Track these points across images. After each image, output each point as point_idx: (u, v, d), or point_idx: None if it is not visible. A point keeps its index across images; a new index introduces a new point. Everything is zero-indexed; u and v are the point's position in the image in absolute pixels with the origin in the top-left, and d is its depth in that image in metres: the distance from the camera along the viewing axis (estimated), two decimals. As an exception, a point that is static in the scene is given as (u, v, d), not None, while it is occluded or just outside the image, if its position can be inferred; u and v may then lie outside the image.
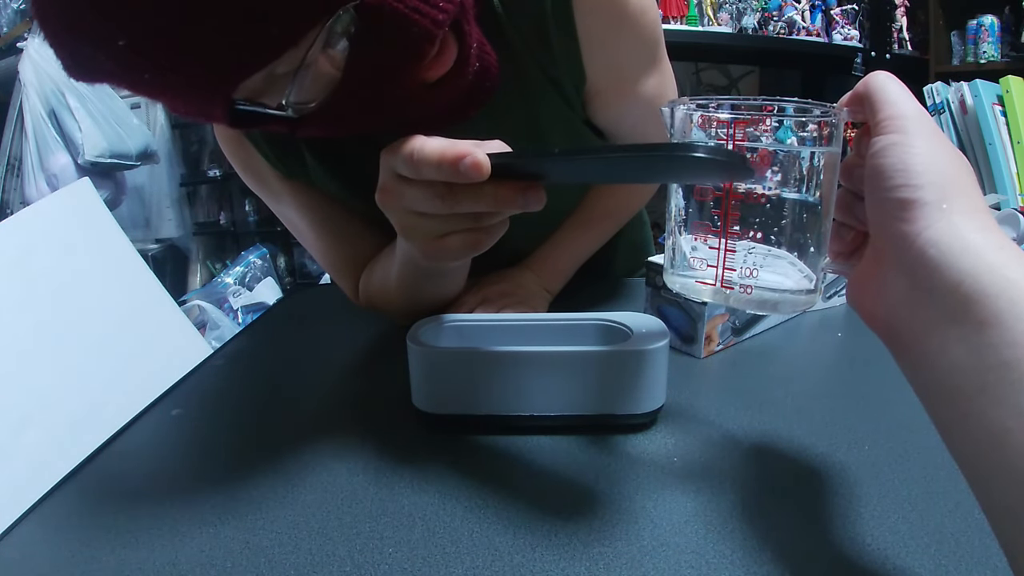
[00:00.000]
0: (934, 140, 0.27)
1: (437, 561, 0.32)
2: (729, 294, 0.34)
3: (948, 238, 0.25)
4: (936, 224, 0.25)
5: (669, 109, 0.35)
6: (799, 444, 0.42)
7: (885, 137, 0.28)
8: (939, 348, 0.25)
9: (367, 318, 0.80)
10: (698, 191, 0.34)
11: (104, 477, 0.43)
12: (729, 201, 0.33)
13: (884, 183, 0.27)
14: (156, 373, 0.60)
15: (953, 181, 0.26)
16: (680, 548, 0.32)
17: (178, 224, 1.75)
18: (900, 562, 0.30)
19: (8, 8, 1.69)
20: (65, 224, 0.77)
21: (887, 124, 0.28)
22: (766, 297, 0.34)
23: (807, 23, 1.94)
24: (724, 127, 0.32)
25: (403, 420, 0.47)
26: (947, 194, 0.26)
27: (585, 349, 0.43)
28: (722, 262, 0.34)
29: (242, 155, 0.64)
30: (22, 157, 1.38)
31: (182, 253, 1.80)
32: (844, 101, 0.32)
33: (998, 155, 1.59)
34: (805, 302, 0.34)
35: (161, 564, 0.33)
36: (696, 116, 0.34)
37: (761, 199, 0.32)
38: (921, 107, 0.29)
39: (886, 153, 0.28)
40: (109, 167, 1.42)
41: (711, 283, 0.34)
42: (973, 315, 0.23)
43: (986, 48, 1.90)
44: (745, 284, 0.33)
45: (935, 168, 0.26)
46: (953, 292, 0.24)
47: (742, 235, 0.33)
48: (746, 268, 0.33)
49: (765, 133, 0.32)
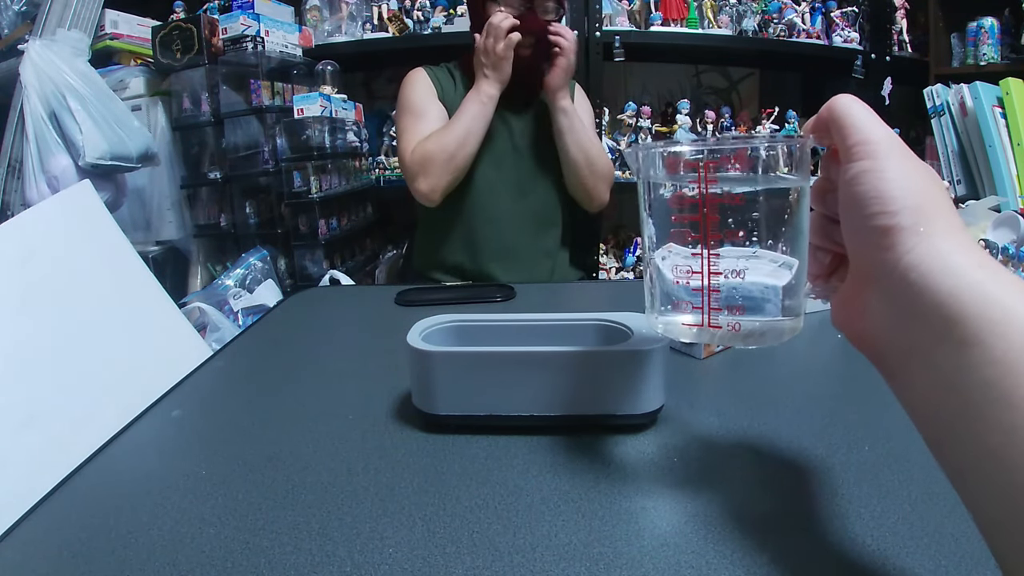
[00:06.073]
0: (905, 163, 0.27)
1: (437, 561, 0.32)
2: (716, 333, 0.34)
3: (928, 261, 0.25)
4: (915, 248, 0.25)
5: (634, 152, 0.35)
6: (799, 445, 0.42)
7: (856, 164, 0.28)
8: (923, 368, 0.25)
9: (367, 319, 0.80)
10: (676, 235, 0.34)
11: (104, 477, 0.43)
12: (708, 241, 0.33)
13: (860, 211, 0.27)
14: (156, 374, 0.60)
15: (928, 202, 0.26)
16: (680, 548, 0.32)
17: (178, 226, 1.75)
18: (900, 562, 0.30)
19: (9, 10, 1.70)
20: (66, 226, 0.77)
21: (857, 150, 0.28)
22: (753, 329, 0.34)
23: (807, 25, 1.95)
24: (691, 169, 0.32)
25: (403, 420, 0.47)
26: (924, 216, 0.26)
27: (585, 349, 0.43)
28: (707, 302, 0.34)
29: (423, 87, 1.30)
30: (23, 159, 1.38)
31: (182, 255, 1.79)
32: (809, 127, 0.32)
33: (998, 157, 1.59)
34: (791, 329, 0.34)
35: (161, 564, 0.33)
36: (660, 156, 0.34)
37: (740, 235, 0.32)
38: (888, 129, 0.29)
39: (859, 180, 0.27)
40: (110, 169, 1.42)
41: (697, 324, 0.34)
42: (955, 335, 0.23)
43: (986, 50, 1.90)
44: (732, 322, 0.33)
45: (909, 192, 0.26)
46: (935, 313, 0.24)
47: (724, 273, 0.33)
48: (733, 306, 0.33)
49: (736, 169, 0.32)
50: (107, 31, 1.67)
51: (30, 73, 1.34)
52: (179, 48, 1.65)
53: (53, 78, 1.35)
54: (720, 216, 0.32)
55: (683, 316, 0.35)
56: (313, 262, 1.70)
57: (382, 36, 1.87)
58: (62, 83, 1.35)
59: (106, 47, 1.68)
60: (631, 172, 0.43)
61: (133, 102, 1.67)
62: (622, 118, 1.95)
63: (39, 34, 1.50)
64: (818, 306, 0.68)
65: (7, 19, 1.69)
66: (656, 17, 1.84)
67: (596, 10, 1.77)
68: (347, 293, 1.05)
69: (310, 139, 1.65)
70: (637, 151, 0.35)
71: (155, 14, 1.79)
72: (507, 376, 0.43)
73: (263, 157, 1.69)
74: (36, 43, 1.37)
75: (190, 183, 1.75)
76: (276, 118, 1.68)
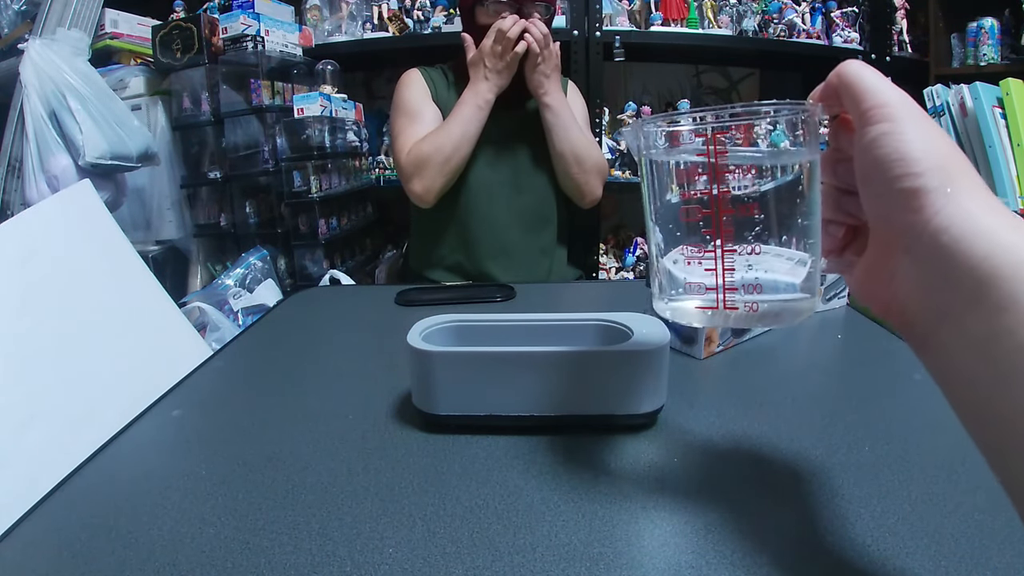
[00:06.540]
0: (924, 123, 0.26)
1: (437, 561, 0.32)
2: (731, 315, 0.32)
3: (959, 223, 0.24)
4: (944, 209, 0.24)
5: (634, 130, 0.33)
6: (799, 445, 0.42)
7: (874, 127, 0.27)
8: (956, 334, 0.24)
9: (367, 319, 0.80)
10: (684, 212, 0.32)
11: (104, 477, 0.43)
12: (720, 218, 0.31)
13: (882, 175, 0.26)
14: (156, 374, 0.60)
15: (952, 163, 0.25)
16: (680, 548, 0.32)
17: (178, 226, 1.75)
18: (900, 562, 0.30)
19: (9, 9, 1.70)
20: (66, 226, 0.77)
21: (873, 113, 0.27)
22: (771, 309, 0.32)
23: (807, 25, 1.95)
24: (701, 139, 0.31)
25: (403, 420, 0.47)
26: (949, 177, 0.25)
27: (585, 349, 0.43)
28: (722, 284, 0.32)
29: (417, 88, 1.31)
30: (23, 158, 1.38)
31: (182, 255, 1.79)
32: (816, 95, 0.31)
33: (998, 157, 1.59)
34: (807, 308, 0.33)
35: (161, 564, 0.33)
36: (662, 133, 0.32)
37: (752, 211, 0.31)
38: (902, 91, 0.27)
39: (879, 144, 0.26)
40: (110, 169, 1.42)
41: (712, 306, 0.33)
42: (990, 299, 0.22)
43: (986, 50, 1.90)
44: (750, 301, 0.32)
45: (933, 152, 0.25)
46: (968, 277, 0.23)
47: (738, 251, 0.31)
48: (748, 284, 0.32)
49: (739, 141, 0.31)
50: (107, 30, 1.67)
51: (30, 72, 1.34)
52: (179, 47, 1.65)
53: (53, 77, 1.34)
54: (731, 191, 0.31)
55: (695, 300, 0.33)
56: (313, 262, 1.70)
57: (382, 36, 1.87)
58: (62, 82, 1.35)
59: (106, 46, 1.68)
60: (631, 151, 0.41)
61: (133, 101, 1.67)
62: (622, 118, 1.95)
63: (39, 33, 1.50)
64: (818, 307, 0.68)
65: (7, 18, 1.69)
66: (656, 17, 1.84)
67: (596, 10, 1.77)
68: (347, 293, 1.05)
69: (310, 139, 1.65)
70: (637, 128, 0.33)
71: (155, 13, 1.79)
72: (507, 376, 0.43)
73: (263, 157, 1.69)
74: (36, 42, 1.36)
75: (190, 183, 1.75)
76: (276, 118, 1.68)
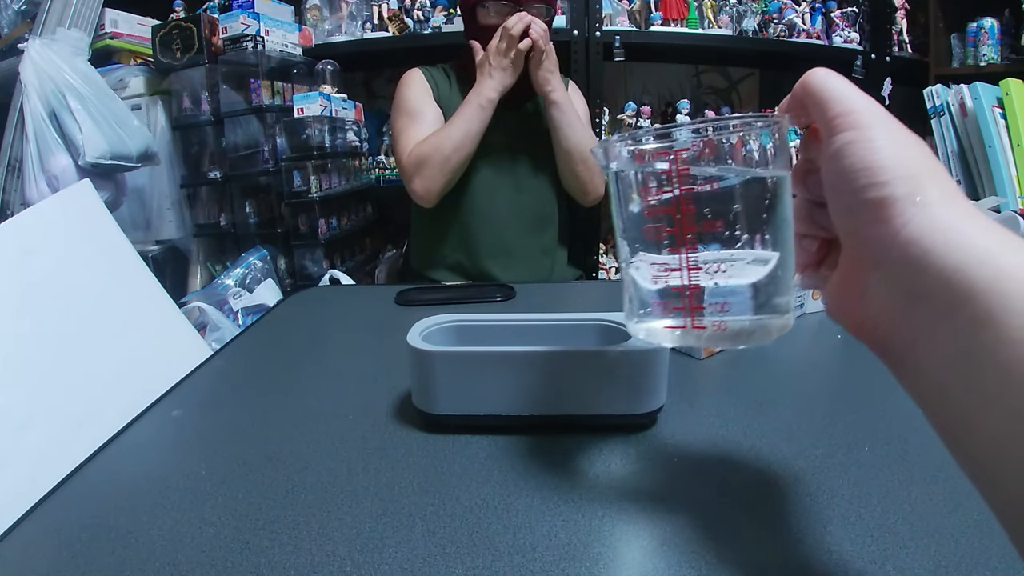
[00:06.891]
0: (892, 130, 0.25)
1: (437, 561, 0.32)
2: (702, 335, 0.31)
3: (929, 233, 0.23)
4: (913, 220, 0.23)
5: (602, 149, 0.32)
6: (799, 445, 0.42)
7: (840, 136, 0.26)
8: (932, 352, 0.23)
9: (367, 319, 0.80)
10: (651, 230, 0.31)
11: (104, 477, 0.43)
12: (685, 235, 0.30)
13: (848, 185, 0.25)
14: (156, 374, 0.60)
15: (922, 170, 0.24)
16: (680, 548, 0.32)
17: (178, 226, 1.75)
18: (900, 562, 0.30)
19: (9, 9, 1.69)
20: (66, 226, 0.77)
21: (838, 122, 0.26)
22: (741, 328, 0.31)
23: (807, 26, 1.95)
24: (663, 159, 0.30)
25: (403, 420, 0.47)
26: (919, 185, 0.24)
27: (585, 349, 0.43)
28: (689, 303, 0.31)
29: (419, 88, 1.31)
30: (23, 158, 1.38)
31: (182, 255, 1.79)
32: (784, 107, 0.30)
33: (998, 158, 1.59)
34: (780, 327, 0.32)
35: (161, 564, 0.33)
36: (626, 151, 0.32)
37: (718, 227, 0.30)
38: (870, 98, 0.26)
39: (844, 153, 0.25)
40: (110, 168, 1.42)
41: (681, 327, 0.32)
42: (965, 315, 0.21)
43: (986, 51, 1.90)
44: (718, 322, 0.31)
45: (900, 159, 0.24)
46: (941, 291, 0.22)
47: (703, 269, 0.30)
48: (716, 303, 0.31)
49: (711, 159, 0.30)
50: (107, 30, 1.68)
51: (30, 72, 1.34)
52: (179, 47, 1.65)
53: (53, 77, 1.34)
54: (696, 207, 0.30)
55: (664, 320, 0.32)
56: (313, 262, 1.70)
57: (382, 36, 1.87)
58: (62, 82, 1.35)
59: (106, 46, 1.68)
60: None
61: (133, 101, 1.67)
62: (622, 118, 1.95)
63: (39, 33, 1.50)
64: (818, 306, 0.68)
65: (7, 18, 1.69)
66: (656, 17, 1.84)
67: (596, 10, 1.77)
68: (347, 293, 1.05)
69: (310, 139, 1.65)
70: (603, 146, 0.33)
71: (155, 13, 1.79)
72: (507, 376, 0.43)
73: (263, 157, 1.69)
74: (36, 42, 1.36)
75: (190, 183, 1.75)
76: (276, 117, 1.68)
